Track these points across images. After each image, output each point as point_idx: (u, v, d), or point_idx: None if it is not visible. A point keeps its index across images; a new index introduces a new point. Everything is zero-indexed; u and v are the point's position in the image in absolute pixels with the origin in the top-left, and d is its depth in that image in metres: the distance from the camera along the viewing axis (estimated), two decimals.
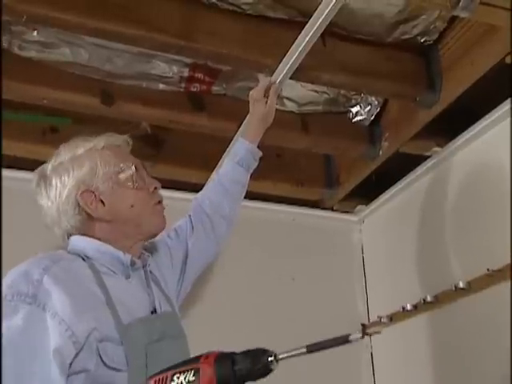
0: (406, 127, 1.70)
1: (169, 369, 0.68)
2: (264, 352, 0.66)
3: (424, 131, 1.66)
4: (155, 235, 1.06)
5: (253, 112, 1.28)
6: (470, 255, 1.51)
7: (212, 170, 1.59)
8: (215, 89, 1.71)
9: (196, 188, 1.35)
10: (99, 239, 0.97)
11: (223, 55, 1.41)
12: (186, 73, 1.65)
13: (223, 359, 0.66)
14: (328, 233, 2.02)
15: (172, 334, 0.94)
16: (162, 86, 1.67)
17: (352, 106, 1.84)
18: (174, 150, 1.86)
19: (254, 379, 0.66)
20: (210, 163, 1.62)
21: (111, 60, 1.58)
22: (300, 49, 1.21)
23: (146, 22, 1.31)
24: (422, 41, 1.55)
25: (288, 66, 1.26)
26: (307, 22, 1.18)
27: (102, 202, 0.98)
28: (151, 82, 1.65)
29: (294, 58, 1.24)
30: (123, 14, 1.29)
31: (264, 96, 1.28)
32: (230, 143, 1.50)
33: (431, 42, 1.55)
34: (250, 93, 1.29)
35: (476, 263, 1.46)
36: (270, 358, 0.65)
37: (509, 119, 1.45)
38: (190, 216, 1.21)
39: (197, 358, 0.67)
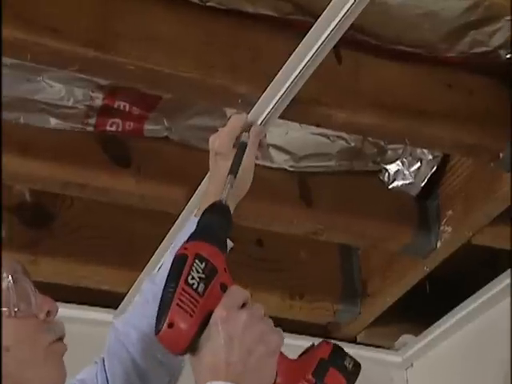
0: (484, 202, 1.72)
1: (172, 289, 0.88)
2: (218, 205, 1.02)
3: None
4: None
5: (215, 173, 1.28)
6: None
7: (140, 270, 1.59)
8: (149, 128, 1.74)
9: (113, 302, 1.34)
10: None
11: (164, 75, 1.43)
12: (98, 100, 1.68)
13: (201, 232, 0.95)
14: None
15: None
16: (54, 123, 1.69)
17: (388, 163, 1.86)
18: (74, 234, 1.86)
19: (232, 230, 1.03)
20: (137, 258, 1.63)
21: None
22: (299, 68, 1.23)
23: (30, 19, 1.33)
24: (507, 57, 1.60)
25: (277, 96, 1.28)
26: (312, 24, 1.21)
27: None
28: (36, 115, 1.67)
29: (288, 83, 1.26)
30: None
31: (234, 146, 1.28)
32: (173, 224, 1.50)
33: None
34: (211, 140, 1.29)
35: None
36: (226, 209, 1.03)
37: None
38: (103, 361, 1.22)
39: (181, 259, 0.90)
